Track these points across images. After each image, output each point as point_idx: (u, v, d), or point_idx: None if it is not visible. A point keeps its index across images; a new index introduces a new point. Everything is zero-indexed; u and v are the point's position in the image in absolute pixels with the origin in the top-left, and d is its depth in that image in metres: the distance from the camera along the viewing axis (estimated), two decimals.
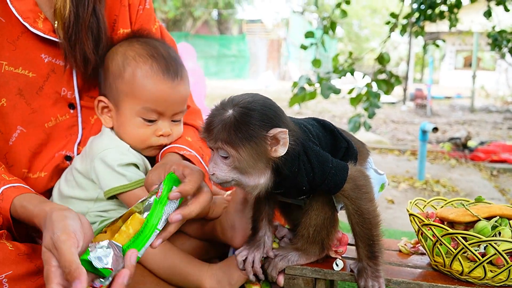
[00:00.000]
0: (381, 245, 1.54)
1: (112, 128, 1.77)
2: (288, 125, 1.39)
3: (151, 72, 1.65)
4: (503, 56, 6.56)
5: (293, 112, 11.86)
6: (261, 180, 1.40)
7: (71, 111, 1.74)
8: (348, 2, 5.21)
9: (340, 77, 5.09)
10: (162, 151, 1.76)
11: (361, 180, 1.51)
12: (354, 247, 1.86)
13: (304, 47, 5.25)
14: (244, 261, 1.67)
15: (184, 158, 1.72)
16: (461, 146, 6.80)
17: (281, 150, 1.35)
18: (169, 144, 1.76)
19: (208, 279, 1.69)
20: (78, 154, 1.78)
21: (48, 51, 1.65)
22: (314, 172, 1.45)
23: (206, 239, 1.88)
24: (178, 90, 1.69)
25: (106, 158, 1.67)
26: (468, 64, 30.05)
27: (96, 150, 1.70)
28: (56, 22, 1.61)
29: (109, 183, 1.66)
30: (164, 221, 1.35)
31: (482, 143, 6.91)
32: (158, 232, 1.33)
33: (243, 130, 1.31)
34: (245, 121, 1.32)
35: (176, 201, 1.39)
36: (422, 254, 1.82)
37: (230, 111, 1.33)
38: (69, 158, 1.76)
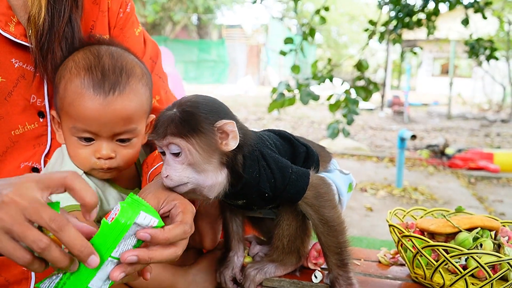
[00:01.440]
0: (349, 252, 1.52)
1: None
2: (236, 120, 1.36)
3: (80, 87, 1.44)
4: (480, 63, 6.62)
5: (272, 118, 11.85)
6: (218, 178, 1.35)
7: (41, 119, 1.66)
8: (327, 9, 5.22)
9: (319, 84, 5.10)
10: (150, 172, 1.63)
11: (322, 187, 1.49)
12: None
13: (283, 53, 5.24)
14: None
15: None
16: (439, 153, 6.84)
17: (232, 143, 1.32)
18: (117, 166, 1.55)
19: (183, 283, 1.66)
20: (45, 165, 1.69)
21: (19, 56, 1.58)
22: (275, 178, 1.43)
23: None
24: (113, 107, 1.44)
25: None
26: (445, 71, 30.44)
27: (51, 168, 1.61)
28: (30, 28, 1.55)
29: None
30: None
31: (459, 151, 6.95)
32: (116, 261, 1.11)
33: (190, 121, 1.29)
34: (191, 113, 1.30)
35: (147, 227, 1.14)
36: (402, 265, 1.79)
37: (175, 110, 1.31)
38: (36, 170, 1.66)
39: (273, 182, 1.42)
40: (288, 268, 1.63)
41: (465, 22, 5.89)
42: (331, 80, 5.12)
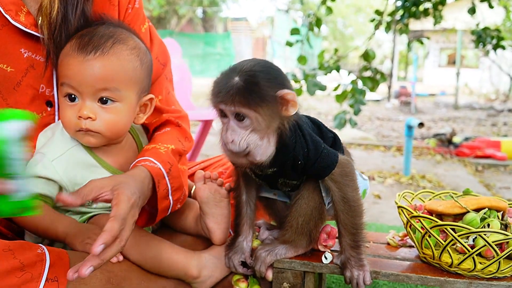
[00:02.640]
0: (364, 235, 1.57)
1: None
2: (292, 87, 1.45)
3: (69, 49, 1.54)
4: (487, 53, 6.59)
5: None
6: (271, 142, 1.44)
7: (49, 109, 1.69)
8: None
9: (326, 74, 5.09)
10: (132, 164, 1.66)
11: (348, 167, 1.56)
12: None
13: (289, 44, 5.24)
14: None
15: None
16: (446, 142, 6.84)
17: (291, 110, 1.41)
18: (99, 131, 1.57)
19: (196, 266, 1.69)
20: None
21: (28, 46, 1.60)
22: (308, 149, 1.49)
23: (192, 234, 1.88)
24: (92, 64, 1.50)
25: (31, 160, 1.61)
26: (452, 61, 30.20)
27: (37, 147, 1.65)
28: (40, 19, 1.57)
29: None
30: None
31: (467, 139, 6.94)
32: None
33: (257, 91, 1.36)
34: (256, 83, 1.37)
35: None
36: (411, 246, 1.82)
37: (237, 78, 1.37)
38: None
39: (306, 152, 1.49)
40: (298, 250, 1.66)
41: (472, 11, 5.87)
42: (337, 71, 5.12)
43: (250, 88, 1.36)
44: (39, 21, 1.57)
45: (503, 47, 6.12)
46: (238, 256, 1.69)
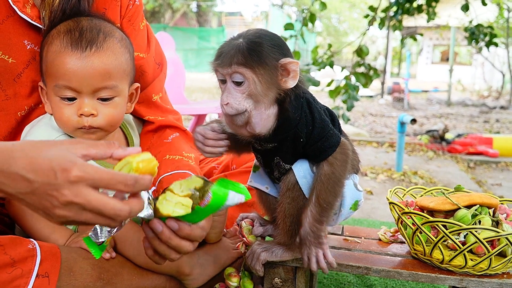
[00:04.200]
0: (330, 214, 1.53)
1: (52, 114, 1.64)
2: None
3: (60, 46, 1.50)
4: (479, 50, 6.61)
5: None
6: (269, 112, 1.42)
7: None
8: None
9: (319, 69, 5.10)
10: (161, 177, 1.66)
11: (348, 148, 1.54)
12: (334, 236, 1.86)
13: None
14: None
15: None
16: (438, 138, 6.86)
17: (291, 82, 1.39)
18: (100, 126, 1.56)
19: (188, 264, 1.69)
20: None
21: (31, 38, 1.60)
22: (314, 126, 1.48)
23: None
24: (90, 61, 1.48)
25: None
26: (445, 58, 30.33)
27: (22, 136, 1.63)
28: (44, 10, 1.57)
29: None
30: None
31: (459, 136, 6.97)
32: None
33: (257, 53, 1.35)
34: (258, 44, 1.36)
35: None
36: (402, 242, 1.82)
37: (241, 40, 1.37)
38: None
39: (310, 130, 1.47)
40: (295, 254, 1.62)
41: (465, 8, 5.89)
42: (331, 66, 5.12)
43: (252, 48, 1.35)
44: (42, 13, 1.57)
45: (496, 44, 6.14)
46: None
